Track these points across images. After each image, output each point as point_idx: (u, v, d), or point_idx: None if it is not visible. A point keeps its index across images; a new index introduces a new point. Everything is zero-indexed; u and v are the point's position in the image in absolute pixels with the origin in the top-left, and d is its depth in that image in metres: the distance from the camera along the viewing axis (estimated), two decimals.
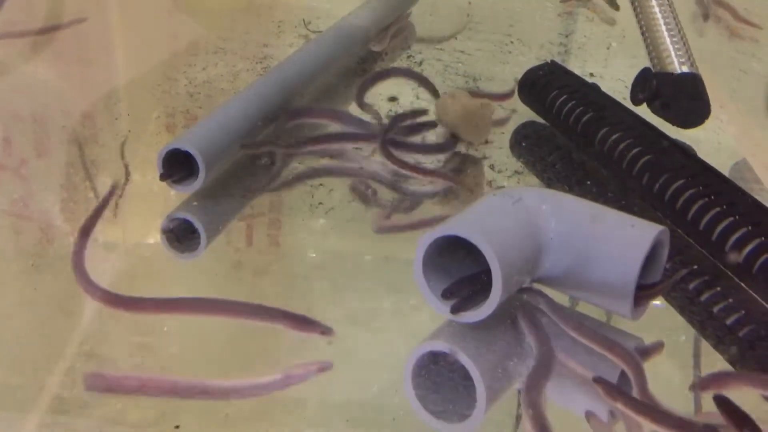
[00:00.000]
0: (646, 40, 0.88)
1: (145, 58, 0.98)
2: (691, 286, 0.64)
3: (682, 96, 0.80)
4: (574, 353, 0.56)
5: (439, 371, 0.54)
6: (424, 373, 0.54)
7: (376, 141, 0.78)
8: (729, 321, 0.61)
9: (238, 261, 0.68)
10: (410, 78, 0.94)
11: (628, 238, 0.56)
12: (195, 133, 0.70)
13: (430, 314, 0.57)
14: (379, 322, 0.61)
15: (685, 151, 0.73)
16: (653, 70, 0.84)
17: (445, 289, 0.56)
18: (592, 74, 0.96)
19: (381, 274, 0.67)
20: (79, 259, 0.60)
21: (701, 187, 0.67)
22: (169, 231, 0.67)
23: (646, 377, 0.52)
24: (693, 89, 0.81)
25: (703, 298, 0.63)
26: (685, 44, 0.85)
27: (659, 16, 0.88)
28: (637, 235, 0.56)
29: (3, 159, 0.78)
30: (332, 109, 0.86)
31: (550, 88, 0.83)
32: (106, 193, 0.70)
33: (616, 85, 0.92)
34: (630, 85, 0.85)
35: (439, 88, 0.91)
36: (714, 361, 0.59)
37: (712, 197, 0.66)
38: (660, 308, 0.61)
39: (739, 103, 0.99)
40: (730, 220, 0.64)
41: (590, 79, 0.87)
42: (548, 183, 0.78)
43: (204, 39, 1.02)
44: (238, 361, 0.56)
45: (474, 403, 0.52)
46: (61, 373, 0.53)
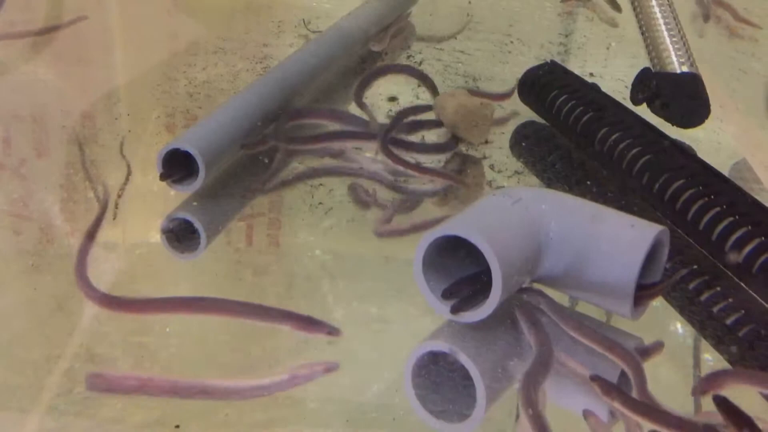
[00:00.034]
0: (645, 40, 0.88)
1: (144, 58, 0.98)
2: (691, 286, 0.64)
3: (682, 96, 0.80)
4: (573, 353, 0.56)
5: (439, 371, 0.54)
6: (424, 373, 0.54)
7: (376, 140, 0.78)
8: (729, 321, 0.61)
9: (238, 261, 0.68)
10: (409, 74, 0.94)
11: (628, 238, 0.56)
12: (195, 133, 0.70)
13: (430, 314, 0.57)
14: (379, 322, 0.61)
15: (685, 151, 0.73)
16: (653, 70, 0.84)
17: (445, 290, 0.56)
18: (592, 74, 0.96)
19: (381, 274, 0.67)
20: (82, 267, 0.60)
21: (701, 187, 0.67)
22: (169, 231, 0.67)
23: (646, 377, 0.52)
24: (693, 89, 0.81)
25: (703, 298, 0.63)
26: (684, 44, 0.85)
27: (659, 16, 0.88)
28: (637, 235, 0.56)
29: (3, 159, 0.78)
30: (332, 109, 0.86)
31: (550, 88, 0.83)
32: (103, 199, 0.69)
33: (616, 85, 0.92)
34: (630, 85, 0.85)
35: (439, 88, 0.91)
36: (714, 361, 0.59)
37: (712, 197, 0.66)
38: (660, 308, 0.61)
39: (738, 102, 0.99)
40: (730, 220, 0.64)
41: (590, 79, 0.87)
42: (548, 183, 0.78)
43: (204, 39, 1.02)
44: (239, 362, 0.56)
45: (474, 403, 0.52)
46: (61, 373, 0.53)
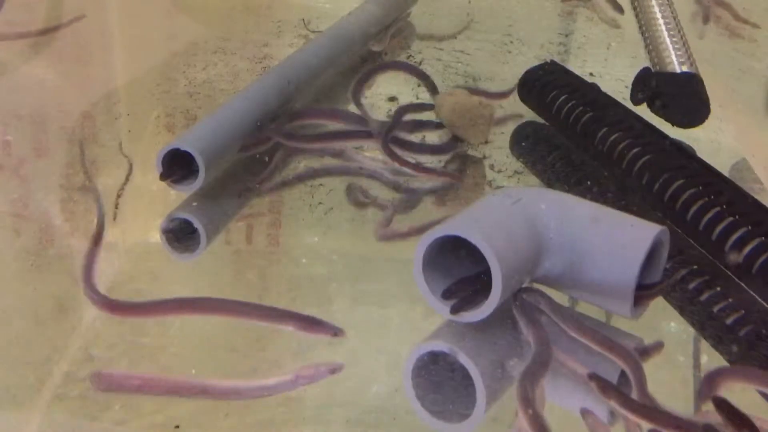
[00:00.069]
0: (645, 39, 0.88)
1: (144, 58, 0.98)
2: (691, 286, 0.64)
3: (682, 96, 0.81)
4: (573, 353, 0.56)
5: (439, 371, 0.54)
6: (424, 373, 0.54)
7: (377, 140, 0.78)
8: (729, 321, 0.61)
9: (238, 261, 0.68)
10: (407, 72, 0.94)
11: (628, 238, 0.56)
12: (195, 133, 0.70)
13: (430, 314, 0.57)
14: (379, 322, 0.61)
15: (685, 151, 0.73)
16: (653, 70, 0.84)
17: (445, 290, 0.56)
18: (592, 74, 0.96)
19: (381, 274, 0.67)
20: (89, 275, 0.59)
21: (701, 187, 0.67)
22: (169, 231, 0.67)
23: (645, 377, 0.52)
24: (693, 89, 0.81)
25: (703, 298, 0.63)
26: (684, 44, 0.85)
27: (659, 16, 0.88)
28: (636, 235, 0.56)
29: (2, 159, 0.78)
30: (333, 109, 0.86)
31: (550, 88, 0.83)
32: (98, 205, 0.69)
33: (616, 85, 0.92)
34: (630, 85, 0.85)
35: (439, 88, 0.91)
36: (714, 361, 0.59)
37: (712, 197, 0.66)
38: (660, 308, 0.61)
39: (738, 102, 0.99)
40: (730, 220, 0.64)
41: (590, 79, 0.87)
42: (548, 183, 0.78)
43: (203, 39, 1.02)
44: (240, 363, 0.56)
45: (474, 403, 0.52)
46: (61, 374, 0.53)
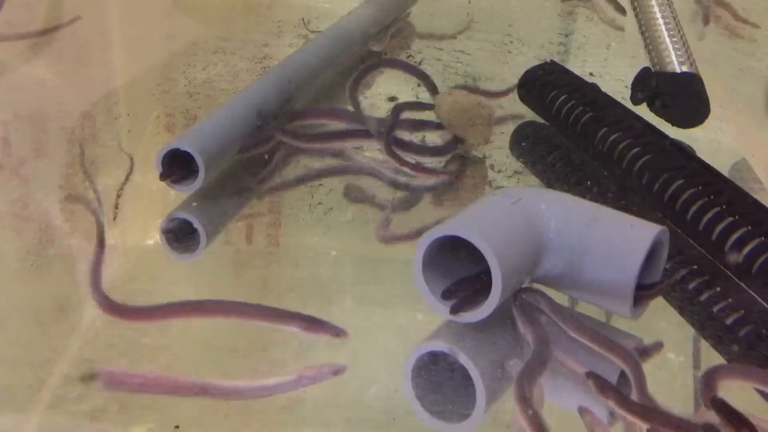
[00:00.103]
0: (645, 39, 0.88)
1: (144, 58, 0.98)
2: (691, 286, 0.64)
3: (682, 96, 0.80)
4: (573, 353, 0.56)
5: (438, 371, 0.54)
6: (424, 373, 0.54)
7: (377, 139, 0.77)
8: (729, 321, 0.61)
9: (238, 261, 0.68)
10: (404, 71, 0.94)
11: (628, 238, 0.56)
12: (194, 133, 0.70)
13: (429, 314, 0.57)
14: (379, 322, 0.61)
15: (685, 151, 0.73)
16: (653, 70, 0.84)
17: (444, 290, 0.56)
18: (592, 74, 0.96)
19: (381, 274, 0.67)
20: (97, 279, 0.59)
21: (701, 187, 0.67)
22: (169, 231, 0.67)
23: (645, 377, 0.52)
24: (692, 89, 0.81)
25: (703, 298, 0.63)
26: (684, 44, 0.85)
27: (659, 16, 0.88)
28: (636, 235, 0.56)
29: (2, 159, 0.78)
30: (332, 108, 0.86)
31: (550, 88, 0.83)
32: (94, 209, 0.68)
33: (616, 85, 0.92)
34: (629, 85, 0.85)
35: (439, 88, 0.91)
36: (714, 361, 0.58)
37: (712, 197, 0.66)
38: (660, 308, 0.61)
39: (738, 102, 0.99)
40: (730, 220, 0.64)
41: (590, 79, 0.87)
42: (548, 183, 0.78)
43: (203, 39, 1.02)
44: (241, 363, 0.56)
45: (473, 403, 0.52)
46: (60, 374, 0.53)
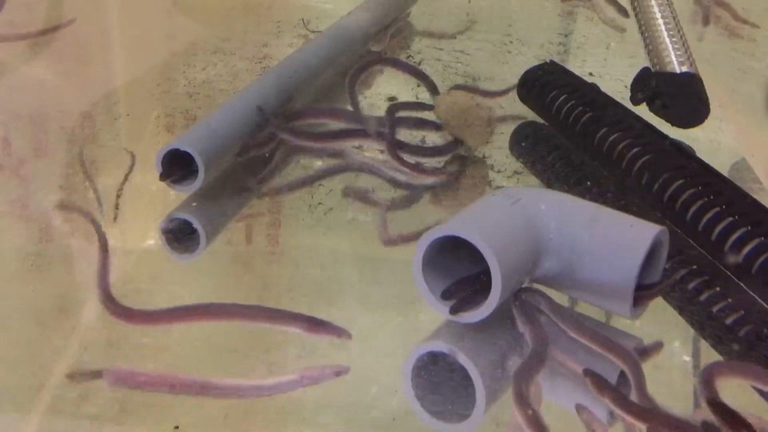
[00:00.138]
0: (645, 39, 0.88)
1: (144, 58, 0.98)
2: (691, 286, 0.64)
3: (682, 96, 0.80)
4: (572, 353, 0.56)
5: (438, 372, 0.54)
6: (424, 374, 0.54)
7: (376, 139, 0.77)
8: (728, 321, 0.61)
9: (238, 261, 0.68)
10: (403, 70, 0.93)
11: (627, 238, 0.56)
12: (194, 134, 0.70)
13: (429, 314, 0.57)
14: (379, 323, 0.61)
15: (685, 151, 0.73)
16: (652, 70, 0.84)
17: (444, 290, 0.56)
18: (592, 74, 0.96)
19: (380, 274, 0.67)
20: (105, 283, 0.59)
21: (700, 187, 0.67)
22: (169, 231, 0.67)
23: (645, 377, 0.52)
24: (692, 89, 0.81)
25: (703, 298, 0.63)
26: (684, 44, 0.85)
27: (659, 16, 0.88)
28: (636, 235, 0.56)
29: (2, 159, 0.78)
30: (332, 108, 0.86)
31: (550, 88, 0.83)
32: (87, 214, 0.68)
33: (616, 85, 0.92)
34: (629, 85, 0.85)
35: (439, 89, 0.91)
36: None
37: (712, 197, 0.66)
38: (659, 308, 0.61)
39: (738, 102, 0.99)
40: (730, 220, 0.64)
41: (589, 79, 0.87)
42: (547, 183, 0.78)
43: (203, 39, 1.02)
44: (241, 364, 0.56)
45: (473, 404, 0.52)
46: (60, 374, 0.53)
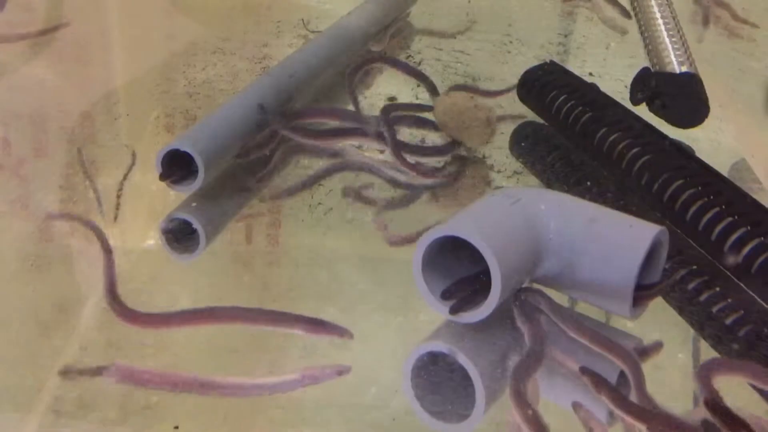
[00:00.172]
0: (645, 39, 0.88)
1: (144, 58, 0.98)
2: (691, 286, 0.64)
3: (681, 96, 0.80)
4: (572, 353, 0.56)
5: (438, 372, 0.54)
6: (424, 374, 0.54)
7: (375, 138, 0.77)
8: (728, 321, 0.61)
9: (238, 261, 0.68)
10: (402, 71, 0.93)
11: (627, 238, 0.56)
12: (194, 134, 0.70)
13: (429, 314, 0.57)
14: (379, 323, 0.61)
15: (684, 151, 0.73)
16: (652, 70, 0.84)
17: (444, 290, 0.56)
18: (591, 74, 0.96)
19: (380, 274, 0.67)
20: (112, 286, 0.59)
21: (700, 187, 0.67)
22: (168, 231, 0.67)
23: (644, 377, 0.52)
24: (692, 89, 0.81)
25: (703, 298, 0.63)
26: (684, 44, 0.85)
27: (659, 16, 0.88)
28: (635, 236, 0.56)
29: (2, 159, 0.78)
30: (332, 108, 0.85)
31: (549, 88, 0.83)
32: (85, 220, 0.68)
33: (615, 85, 0.92)
34: (629, 85, 0.85)
35: (439, 89, 0.91)
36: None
37: (711, 197, 0.66)
38: (659, 308, 0.61)
39: (738, 102, 0.99)
40: (729, 220, 0.64)
41: (589, 79, 0.87)
42: (547, 183, 0.78)
43: (203, 39, 1.02)
44: (241, 363, 0.56)
45: (473, 404, 0.52)
46: (60, 374, 0.53)
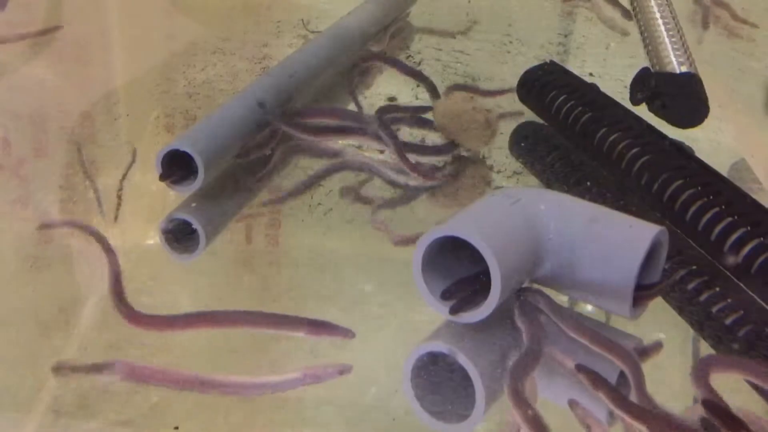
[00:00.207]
0: (645, 40, 0.88)
1: (143, 58, 0.98)
2: (690, 287, 0.64)
3: (681, 96, 0.80)
4: (572, 353, 0.56)
5: (438, 372, 0.54)
6: (424, 374, 0.54)
7: (375, 137, 0.77)
8: (728, 321, 0.61)
9: (238, 261, 0.68)
10: (402, 71, 0.93)
11: (627, 238, 0.56)
12: (194, 134, 0.70)
13: (429, 315, 0.57)
14: (379, 323, 0.61)
15: (684, 151, 0.73)
16: (652, 70, 0.84)
17: (444, 290, 0.56)
18: (591, 74, 0.96)
19: (380, 274, 0.67)
20: (119, 289, 0.59)
21: (700, 188, 0.67)
22: (168, 231, 0.67)
23: (644, 377, 0.52)
24: (692, 89, 0.81)
25: (702, 298, 0.63)
26: (683, 44, 0.85)
27: (658, 16, 0.88)
28: (635, 236, 0.56)
29: (2, 159, 0.78)
30: (332, 108, 0.85)
31: (549, 88, 0.83)
32: (79, 224, 0.68)
33: (615, 85, 0.92)
34: (629, 85, 0.85)
35: (438, 89, 0.90)
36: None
37: (711, 197, 0.66)
38: (659, 308, 0.61)
39: (737, 102, 0.99)
40: (729, 220, 0.64)
41: (589, 79, 0.87)
42: (547, 183, 0.78)
43: (203, 39, 1.02)
44: (240, 363, 0.56)
45: (473, 404, 0.52)
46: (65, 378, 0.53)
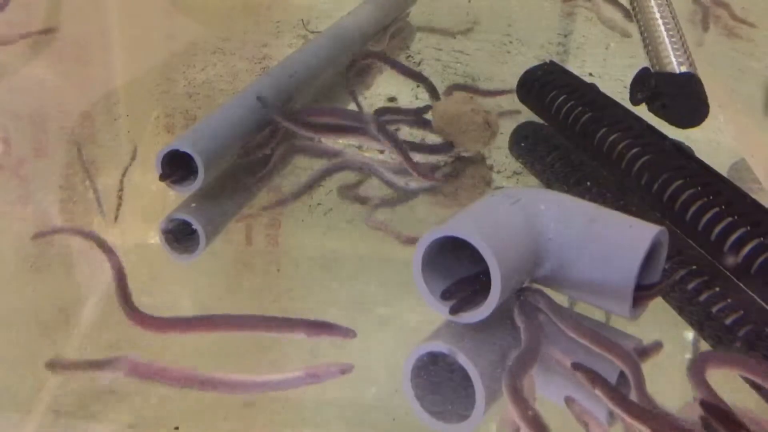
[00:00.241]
0: (644, 40, 0.88)
1: (143, 58, 0.98)
2: (690, 287, 0.64)
3: (681, 96, 0.80)
4: (572, 353, 0.56)
5: (438, 372, 0.54)
6: (424, 374, 0.54)
7: (375, 137, 0.77)
8: (728, 321, 0.61)
9: (237, 261, 0.68)
10: (401, 72, 0.93)
11: (627, 238, 0.56)
12: (194, 134, 0.70)
13: (429, 315, 0.57)
14: (379, 323, 0.61)
15: (684, 151, 0.73)
16: (652, 70, 0.84)
17: (444, 290, 0.56)
18: (591, 74, 0.96)
19: (380, 274, 0.67)
20: (124, 291, 0.59)
21: (700, 188, 0.67)
22: (168, 231, 0.67)
23: (644, 377, 0.52)
24: (691, 89, 0.81)
25: (702, 298, 0.63)
26: (683, 44, 0.85)
27: (658, 16, 0.88)
28: (635, 236, 0.56)
29: (2, 159, 0.78)
30: (332, 107, 0.85)
31: (549, 88, 0.83)
32: (74, 228, 0.68)
33: (615, 85, 0.92)
34: (629, 85, 0.85)
35: (438, 89, 0.91)
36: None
37: (711, 197, 0.66)
38: (659, 308, 0.61)
39: (737, 102, 0.99)
40: (729, 220, 0.64)
41: (589, 79, 0.87)
42: (547, 183, 0.78)
43: (203, 39, 1.02)
44: (240, 363, 0.56)
45: (473, 404, 0.52)
46: (60, 374, 0.53)
